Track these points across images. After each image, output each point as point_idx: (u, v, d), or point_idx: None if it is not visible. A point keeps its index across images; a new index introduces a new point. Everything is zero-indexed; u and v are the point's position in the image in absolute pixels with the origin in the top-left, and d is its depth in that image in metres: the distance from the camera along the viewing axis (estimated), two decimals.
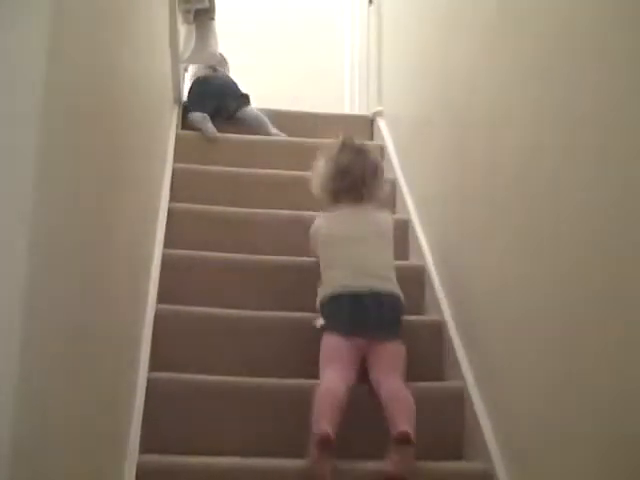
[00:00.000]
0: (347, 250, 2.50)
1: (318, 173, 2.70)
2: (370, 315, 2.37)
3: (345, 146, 2.69)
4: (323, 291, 2.47)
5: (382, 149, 3.82)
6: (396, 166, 3.61)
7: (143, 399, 2.20)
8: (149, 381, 2.26)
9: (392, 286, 2.47)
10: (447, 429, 2.38)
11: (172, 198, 3.19)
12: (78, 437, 1.31)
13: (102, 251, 1.50)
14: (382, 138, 3.92)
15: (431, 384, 2.50)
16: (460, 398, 2.40)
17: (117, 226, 1.71)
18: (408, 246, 3.19)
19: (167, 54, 3.40)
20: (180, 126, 3.87)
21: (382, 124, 4.03)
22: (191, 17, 4.06)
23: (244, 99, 4.00)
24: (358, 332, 2.34)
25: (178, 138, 3.62)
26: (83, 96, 1.23)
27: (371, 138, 4.08)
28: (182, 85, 4.01)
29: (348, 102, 4.76)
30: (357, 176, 2.62)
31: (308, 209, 3.02)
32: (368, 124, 4.18)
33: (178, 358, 2.46)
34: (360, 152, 2.69)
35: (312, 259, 2.70)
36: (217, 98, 3.90)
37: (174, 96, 3.80)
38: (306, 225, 2.75)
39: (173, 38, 3.52)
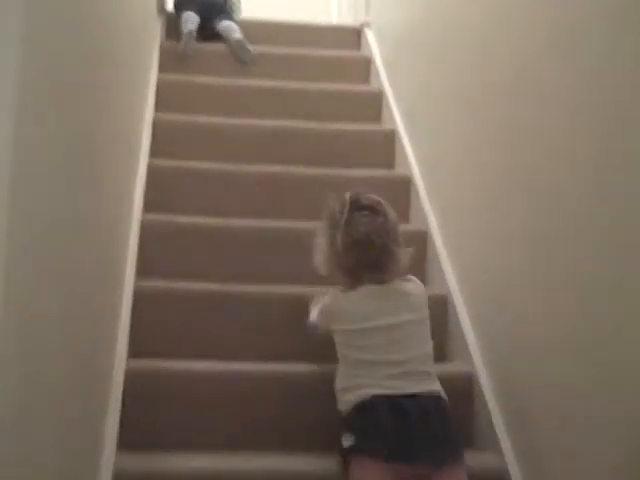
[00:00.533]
0: (380, 341, 1.90)
1: (323, 249, 2.04)
2: (420, 430, 1.78)
3: (355, 208, 2.01)
4: (349, 396, 1.87)
5: (369, 61, 3.79)
6: (383, 78, 3.58)
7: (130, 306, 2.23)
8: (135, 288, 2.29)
9: (437, 386, 1.89)
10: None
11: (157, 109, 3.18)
12: (70, 342, 1.33)
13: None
14: (369, 50, 3.88)
15: None
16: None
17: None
18: (394, 157, 3.20)
19: None
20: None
21: (370, 35, 3.98)
22: None
23: (225, 14, 3.96)
24: (407, 457, 1.75)
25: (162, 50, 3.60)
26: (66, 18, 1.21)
27: (358, 49, 4.05)
28: None
29: (335, 12, 4.69)
30: (380, 246, 1.97)
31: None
32: (355, 35, 4.13)
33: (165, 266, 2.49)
34: (375, 212, 2.01)
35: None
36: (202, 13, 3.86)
37: (158, 6, 3.75)
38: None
39: None
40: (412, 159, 3.02)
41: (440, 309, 2.42)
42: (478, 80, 2.39)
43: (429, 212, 2.77)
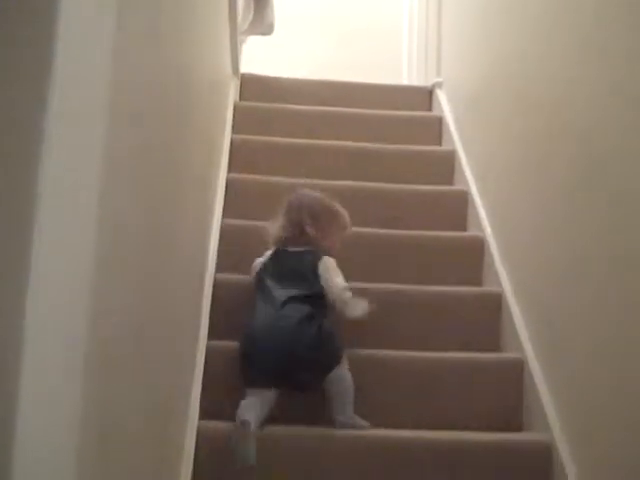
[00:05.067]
0: None
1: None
2: None
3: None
4: None
5: (440, 120, 3.80)
6: (455, 138, 3.58)
7: None
8: None
9: None
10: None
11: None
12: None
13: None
14: (441, 109, 3.89)
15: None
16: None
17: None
18: (467, 217, 3.18)
19: (226, 26, 3.41)
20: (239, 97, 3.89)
21: (441, 95, 4.00)
22: None
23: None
24: None
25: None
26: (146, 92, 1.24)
27: (430, 109, 4.06)
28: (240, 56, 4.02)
29: (406, 73, 4.72)
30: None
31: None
32: (427, 95, 4.15)
33: None
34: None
35: None
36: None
37: (232, 67, 3.82)
38: None
39: (232, 10, 3.52)
40: (485, 221, 3.00)
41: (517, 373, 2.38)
42: (549, 142, 2.37)
43: (502, 275, 2.73)
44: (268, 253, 2.48)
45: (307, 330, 2.18)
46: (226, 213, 2.93)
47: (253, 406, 2.07)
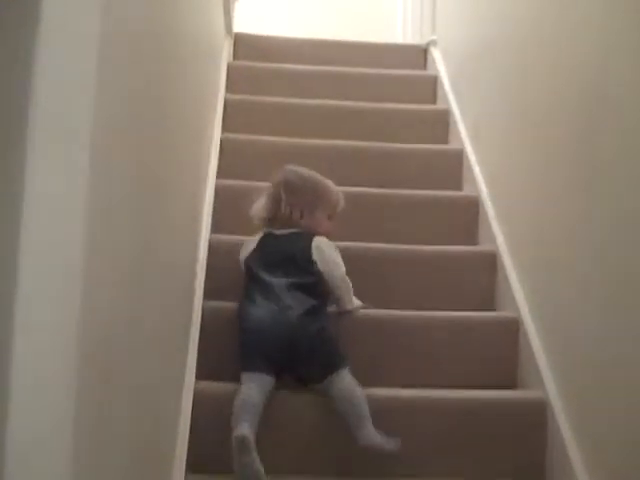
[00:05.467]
0: None
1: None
2: None
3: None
4: None
5: (435, 79, 3.77)
6: (450, 97, 3.55)
7: None
8: None
9: None
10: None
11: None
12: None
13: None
14: (435, 68, 3.85)
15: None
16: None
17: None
18: (462, 177, 3.17)
19: None
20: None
21: (436, 53, 3.96)
22: None
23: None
24: None
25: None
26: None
27: (424, 68, 4.03)
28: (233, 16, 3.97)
29: (401, 31, 4.67)
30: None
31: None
32: (421, 53, 4.11)
33: None
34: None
35: None
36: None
37: (226, 27, 3.78)
38: None
39: None
40: (480, 179, 2.99)
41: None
42: (546, 96, 2.35)
43: (498, 233, 2.73)
44: (256, 238, 2.34)
45: (308, 327, 2.09)
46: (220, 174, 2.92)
47: (247, 407, 1.95)
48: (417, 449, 2.08)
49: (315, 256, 2.24)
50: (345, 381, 2.05)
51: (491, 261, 2.66)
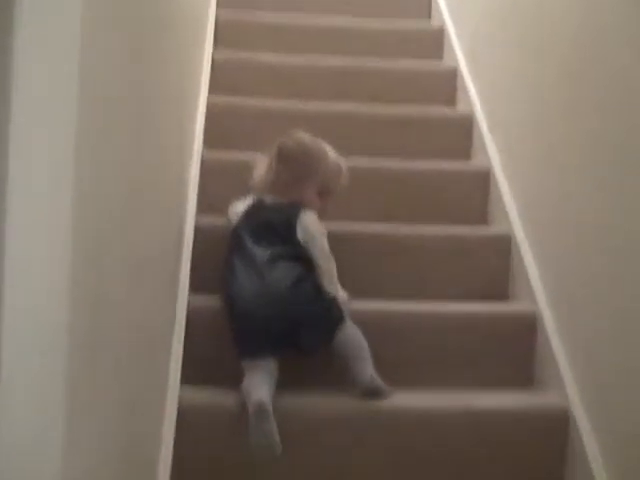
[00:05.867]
0: None
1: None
2: None
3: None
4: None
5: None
6: (445, 15, 3.50)
7: None
8: None
9: None
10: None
11: None
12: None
13: None
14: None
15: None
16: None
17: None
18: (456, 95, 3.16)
19: None
20: None
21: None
22: None
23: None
24: None
25: None
26: None
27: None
28: None
29: None
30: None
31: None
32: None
33: None
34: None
35: None
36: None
37: None
38: None
39: None
40: (475, 98, 2.97)
41: (505, 246, 2.42)
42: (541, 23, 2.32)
43: (492, 150, 2.73)
44: (246, 202, 2.20)
45: (302, 288, 2.00)
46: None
47: (260, 382, 1.85)
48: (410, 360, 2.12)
49: (300, 234, 2.11)
50: (350, 329, 2.01)
51: (485, 178, 2.66)
